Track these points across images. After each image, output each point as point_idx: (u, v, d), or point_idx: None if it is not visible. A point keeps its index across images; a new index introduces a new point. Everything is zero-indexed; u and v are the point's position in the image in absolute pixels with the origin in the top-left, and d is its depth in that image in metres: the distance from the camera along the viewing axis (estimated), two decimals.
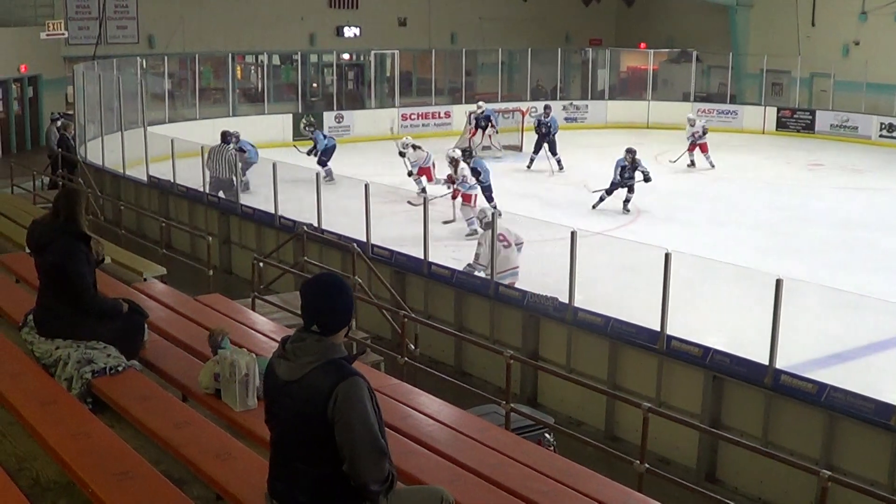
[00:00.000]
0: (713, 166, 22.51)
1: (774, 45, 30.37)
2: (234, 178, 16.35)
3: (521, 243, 11.50)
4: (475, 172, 16.35)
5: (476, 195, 16.13)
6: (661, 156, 23.24)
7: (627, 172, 17.72)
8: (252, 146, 19.02)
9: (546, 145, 22.47)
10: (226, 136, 17.79)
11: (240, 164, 16.76)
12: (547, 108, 23.75)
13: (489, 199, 16.20)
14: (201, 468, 4.42)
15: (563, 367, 10.04)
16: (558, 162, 22.28)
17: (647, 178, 17.90)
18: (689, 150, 22.78)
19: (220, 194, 16.23)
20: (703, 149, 22.68)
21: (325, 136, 20.96)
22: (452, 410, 6.20)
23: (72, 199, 5.68)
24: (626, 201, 17.79)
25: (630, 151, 17.85)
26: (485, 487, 4.76)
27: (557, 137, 22.60)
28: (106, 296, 5.81)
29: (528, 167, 22.59)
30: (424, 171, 18.62)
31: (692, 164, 22.78)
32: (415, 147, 19.01)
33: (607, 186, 17.75)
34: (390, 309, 10.37)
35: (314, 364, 3.57)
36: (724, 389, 8.85)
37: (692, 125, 22.69)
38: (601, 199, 17.82)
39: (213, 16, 29.27)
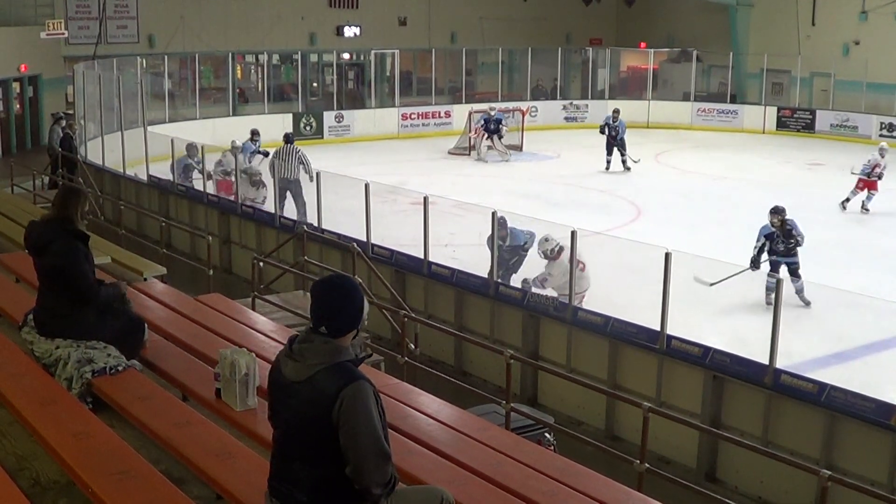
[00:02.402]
0: (867, 210, 18.07)
1: (775, 44, 30.38)
2: (301, 178, 15.51)
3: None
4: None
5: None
6: (661, 156, 23.22)
7: (779, 243, 12.10)
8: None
9: (616, 146, 22.63)
10: (289, 137, 17.45)
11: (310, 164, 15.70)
12: (616, 111, 23.35)
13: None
14: (201, 468, 4.42)
15: (564, 366, 10.04)
16: (623, 162, 22.51)
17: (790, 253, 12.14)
18: (858, 186, 18.02)
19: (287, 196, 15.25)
20: (873, 187, 18.00)
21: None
22: (452, 410, 6.20)
23: (69, 198, 5.68)
24: (799, 293, 11.66)
25: (778, 212, 12.24)
26: (485, 487, 4.76)
27: (626, 138, 22.84)
28: (105, 285, 5.79)
29: (607, 169, 22.56)
30: None
31: (857, 205, 18.11)
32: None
33: (751, 265, 12.15)
34: (390, 309, 10.37)
35: (321, 366, 3.56)
36: (724, 389, 8.85)
37: (883, 155, 18.06)
38: (771, 291, 10.61)
39: (213, 15, 29.27)
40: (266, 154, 18.10)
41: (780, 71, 30.54)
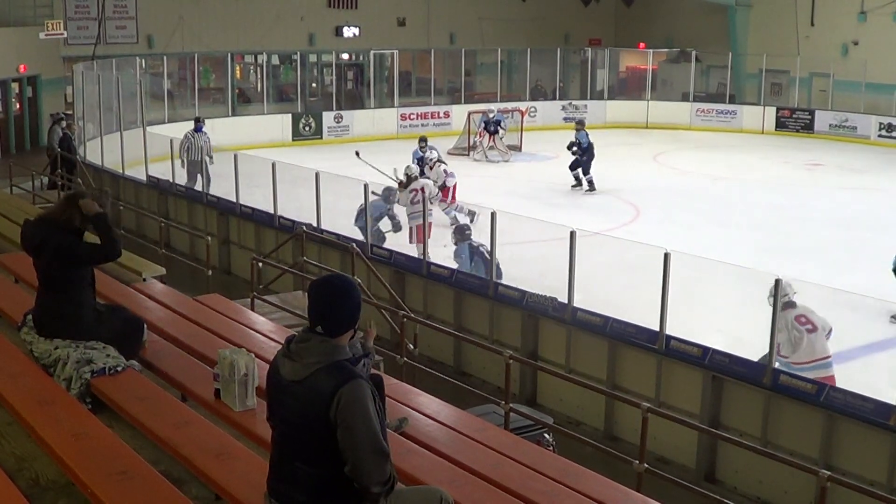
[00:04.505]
0: None
1: (773, 44, 30.39)
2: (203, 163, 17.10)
3: (830, 329, 8.79)
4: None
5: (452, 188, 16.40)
6: (660, 156, 23.23)
7: None
8: None
9: (580, 163, 19.97)
10: (197, 122, 18.32)
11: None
12: (579, 122, 20.85)
13: None
14: (200, 468, 4.42)
15: (563, 367, 10.04)
16: (590, 182, 19.83)
17: None
18: None
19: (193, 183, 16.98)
20: None
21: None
22: (451, 410, 6.20)
23: (67, 200, 5.73)
24: None
25: None
26: (484, 487, 4.76)
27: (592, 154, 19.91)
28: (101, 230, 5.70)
29: (573, 188, 20.15)
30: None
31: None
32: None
33: None
34: (389, 309, 10.37)
35: (318, 365, 3.57)
36: (723, 389, 8.85)
37: None
38: None
39: (212, 16, 29.27)
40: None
41: (779, 71, 30.56)
